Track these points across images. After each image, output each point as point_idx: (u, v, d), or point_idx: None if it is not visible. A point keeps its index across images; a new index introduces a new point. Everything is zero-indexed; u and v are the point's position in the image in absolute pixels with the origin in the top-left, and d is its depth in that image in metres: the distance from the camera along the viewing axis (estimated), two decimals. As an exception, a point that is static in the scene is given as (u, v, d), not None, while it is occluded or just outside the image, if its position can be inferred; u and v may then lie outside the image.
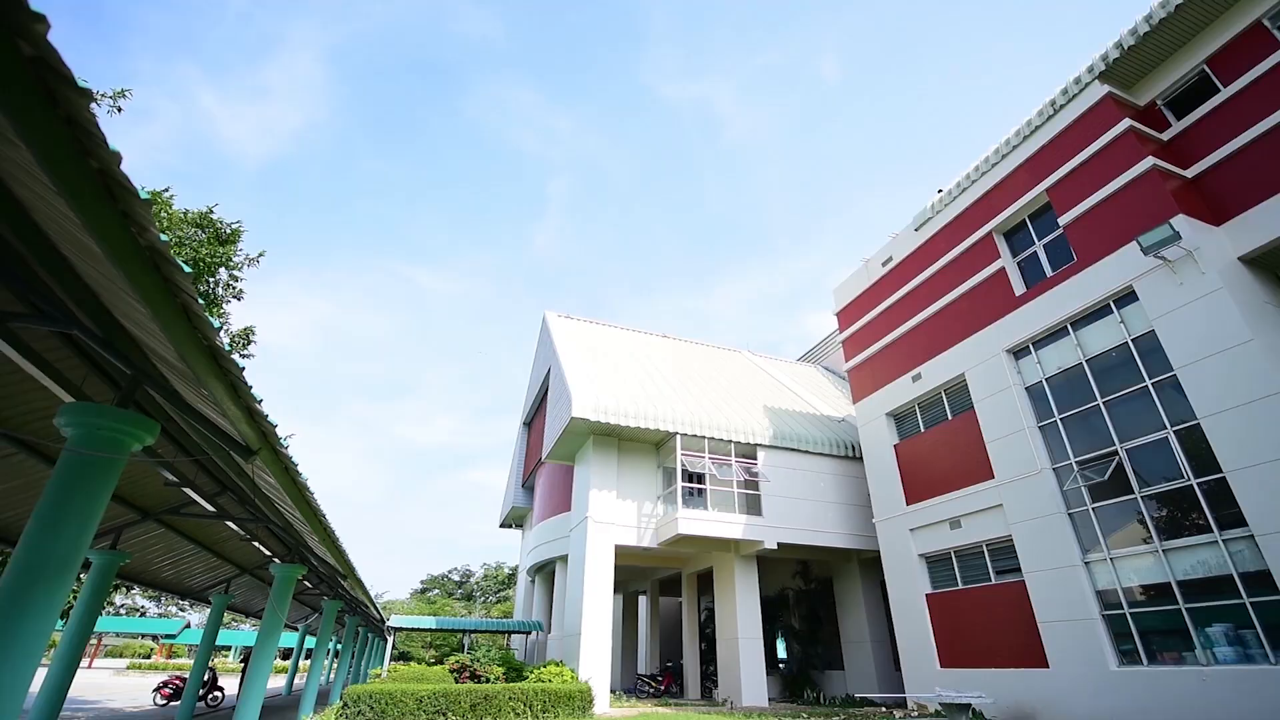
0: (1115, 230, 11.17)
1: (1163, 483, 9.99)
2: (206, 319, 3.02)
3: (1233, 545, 8.95)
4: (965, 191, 14.87)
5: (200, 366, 3.35)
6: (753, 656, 16.34)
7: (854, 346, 17.99)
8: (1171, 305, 10.08)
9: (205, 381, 3.49)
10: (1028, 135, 13.41)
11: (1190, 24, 11.19)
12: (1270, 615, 8.42)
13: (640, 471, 17.56)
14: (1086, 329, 11.61)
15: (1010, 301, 13.11)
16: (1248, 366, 8.99)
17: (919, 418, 15.39)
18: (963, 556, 13.41)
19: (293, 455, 5.16)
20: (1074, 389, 11.65)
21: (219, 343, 3.23)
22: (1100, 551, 10.64)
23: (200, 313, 2.97)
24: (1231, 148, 10.47)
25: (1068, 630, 10.75)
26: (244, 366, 3.50)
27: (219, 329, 3.18)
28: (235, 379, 3.62)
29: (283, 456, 5.07)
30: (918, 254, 16.08)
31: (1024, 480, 12.01)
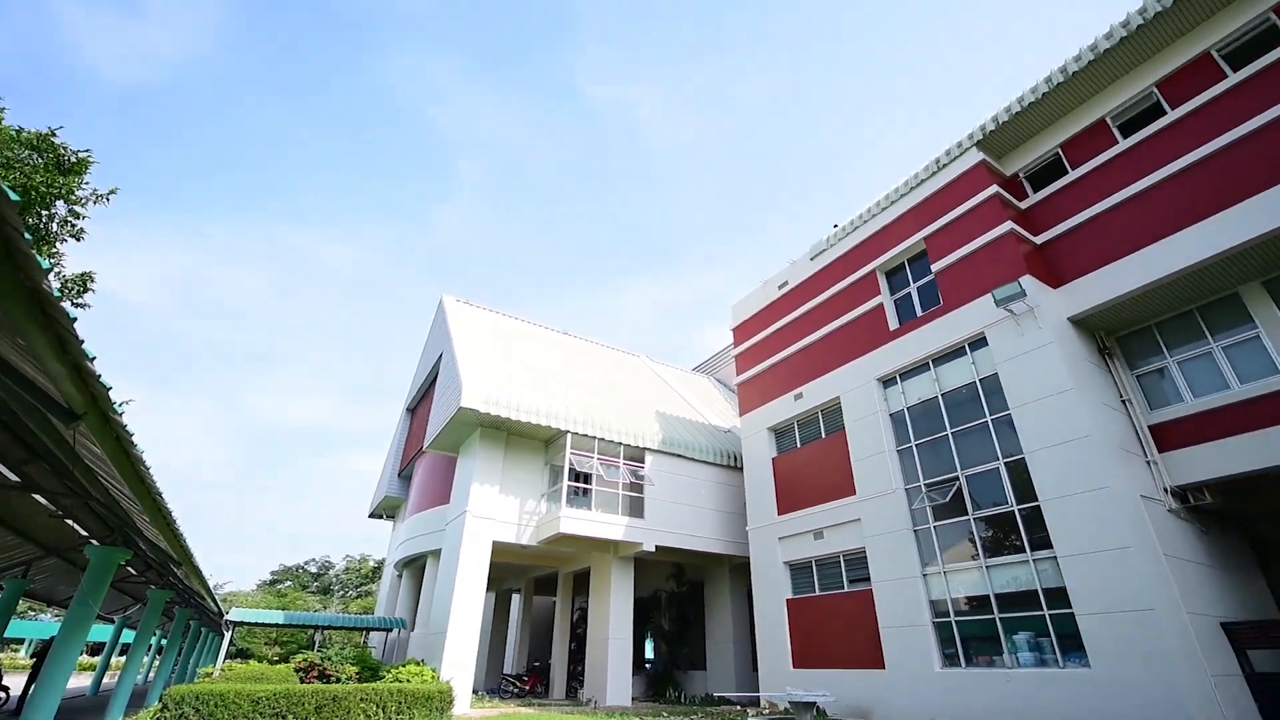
0: (976, 281, 12.58)
1: (991, 507, 11.37)
2: (33, 257, 2.56)
3: (1040, 565, 10.37)
4: (857, 230, 16.11)
5: (19, 311, 2.84)
6: (621, 656, 16.56)
7: (745, 362, 18.86)
8: (1013, 353, 11.52)
9: (24, 330, 2.96)
10: (914, 186, 14.79)
11: (1052, 110, 12.89)
12: (1063, 626, 9.83)
13: (527, 468, 17.26)
14: (945, 366, 12.98)
15: (885, 335, 14.36)
16: (1066, 412, 10.47)
17: (797, 434, 16.41)
18: (822, 565, 14.45)
19: (127, 423, 4.52)
20: (929, 419, 12.97)
21: (46, 286, 2.76)
22: (936, 565, 11.90)
23: (26, 249, 2.51)
24: (1071, 223, 12.18)
25: (903, 635, 11.90)
26: (75, 317, 3.00)
27: (48, 270, 2.71)
28: (63, 330, 3.10)
29: (115, 424, 4.43)
30: (811, 281, 17.17)
31: (880, 498, 13.17)
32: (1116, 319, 11.60)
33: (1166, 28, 11.21)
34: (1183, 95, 11.15)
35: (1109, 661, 9.02)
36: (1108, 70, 12.00)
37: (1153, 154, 11.24)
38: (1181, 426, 10.58)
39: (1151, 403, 11.18)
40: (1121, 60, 11.80)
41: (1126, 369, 11.59)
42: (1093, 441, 9.99)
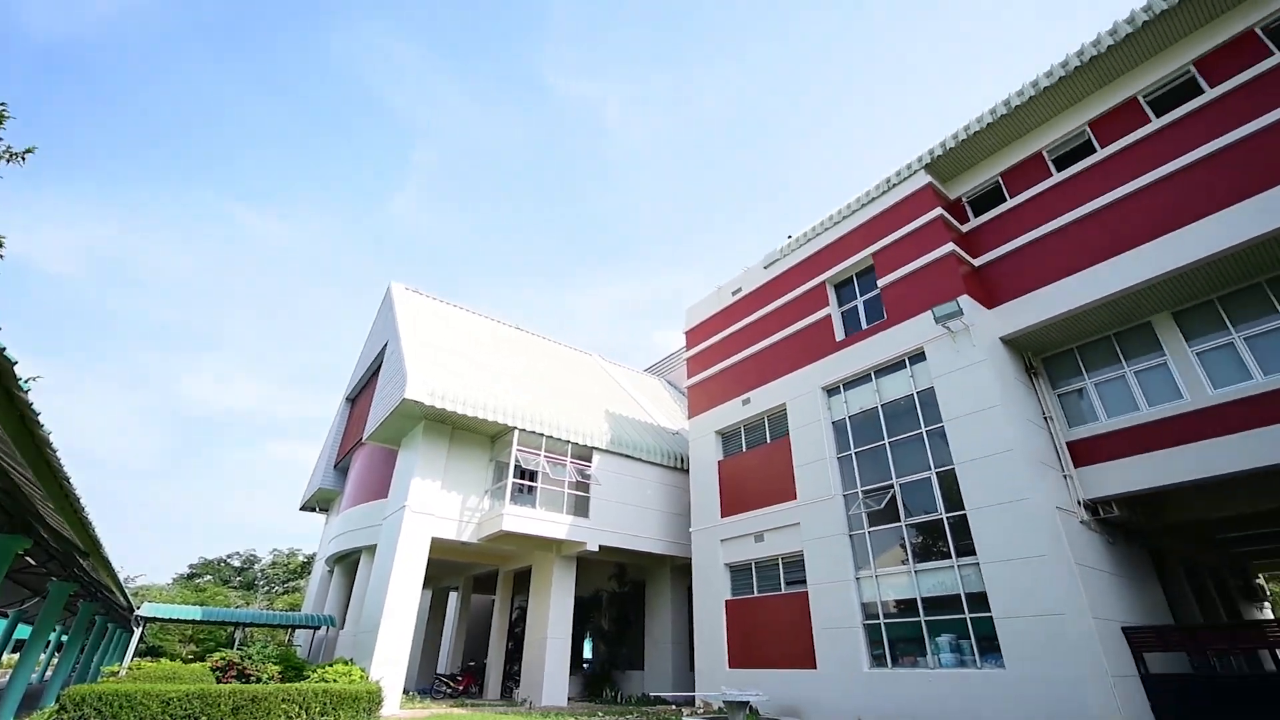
0: (918, 298, 13.13)
1: (922, 514, 11.88)
2: (-73, 212, 2.32)
3: (964, 570, 10.91)
4: (810, 241, 16.55)
5: (-94, 272, 2.56)
6: (559, 656, 16.45)
7: (697, 365, 19.07)
8: (948, 368, 12.08)
9: (-89, 292, 2.67)
10: (865, 204, 15.31)
11: (995, 141, 13.59)
12: (982, 628, 10.37)
13: (471, 463, 16.92)
14: (886, 378, 13.48)
15: (831, 345, 14.80)
16: (993, 426, 11.06)
17: (743, 438, 16.71)
18: (762, 567, 14.76)
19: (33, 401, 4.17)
20: (869, 428, 13.44)
21: (-58, 246, 2.51)
22: (869, 570, 12.35)
23: (-82, 202, 2.27)
24: (1006, 248, 12.88)
25: (835, 636, 12.29)
26: (-23, 282, 2.74)
27: (-55, 228, 2.47)
28: (-39, 296, 2.82)
29: (19, 401, 4.09)
30: (763, 289, 17.53)
31: (820, 503, 13.56)
32: (1043, 341, 12.34)
33: (1099, 72, 12.00)
34: (1111, 136, 11.97)
35: (1022, 662, 9.57)
36: (1045, 107, 12.75)
37: (1081, 189, 12.02)
38: (1095, 444, 11.35)
39: (1070, 420, 11.94)
40: (1058, 99, 12.56)
41: (1049, 388, 12.34)
42: (1016, 455, 10.58)
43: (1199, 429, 10.13)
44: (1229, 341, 10.35)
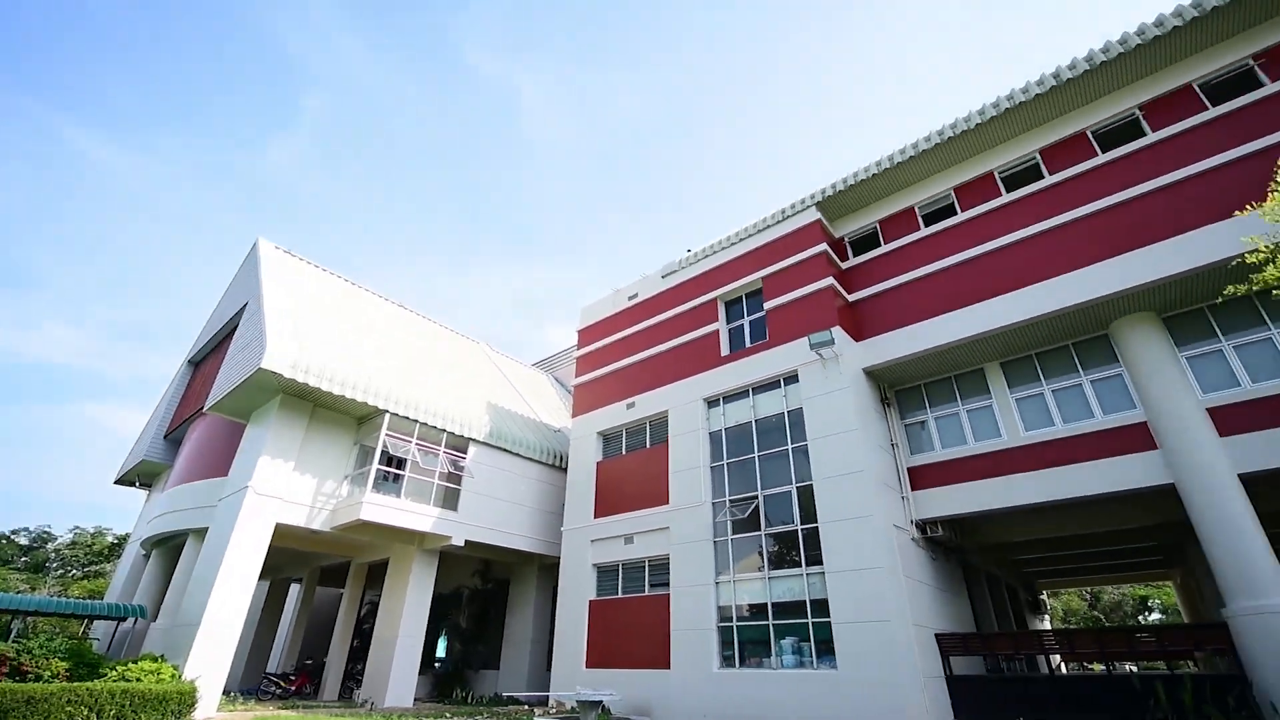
0: (797, 324, 14.07)
1: (780, 525, 12.72)
2: None
3: (811, 579, 11.81)
4: (707, 258, 17.19)
5: None
6: (409, 654, 15.65)
7: (586, 365, 19.08)
8: (817, 392, 13.06)
9: None
10: (761, 230, 16.18)
11: (877, 190, 14.93)
12: (821, 633, 11.29)
13: (331, 445, 15.65)
14: (762, 395, 14.30)
15: (716, 359, 15.45)
16: (849, 449, 12.10)
17: (624, 441, 16.94)
18: (628, 569, 15.03)
19: None
20: (742, 440, 14.18)
21: None
22: (728, 575, 13.00)
23: None
24: (875, 289, 14.20)
25: (691, 638, 12.79)
26: None
27: None
28: None
29: None
30: (659, 298, 17.93)
31: (690, 509, 14.07)
32: (898, 375, 13.73)
33: (965, 145, 13.59)
34: (969, 202, 13.62)
35: (852, 664, 10.53)
36: (921, 167, 14.22)
37: (940, 246, 13.55)
38: (929, 471, 12.80)
39: (912, 448, 13.37)
40: (931, 163, 14.06)
41: (899, 418, 13.75)
42: (865, 476, 11.67)
43: (1009, 465, 11.79)
44: (1040, 392, 12.14)
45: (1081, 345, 12.03)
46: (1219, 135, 10.83)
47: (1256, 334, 10.29)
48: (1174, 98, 11.67)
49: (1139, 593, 41.17)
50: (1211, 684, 9.17)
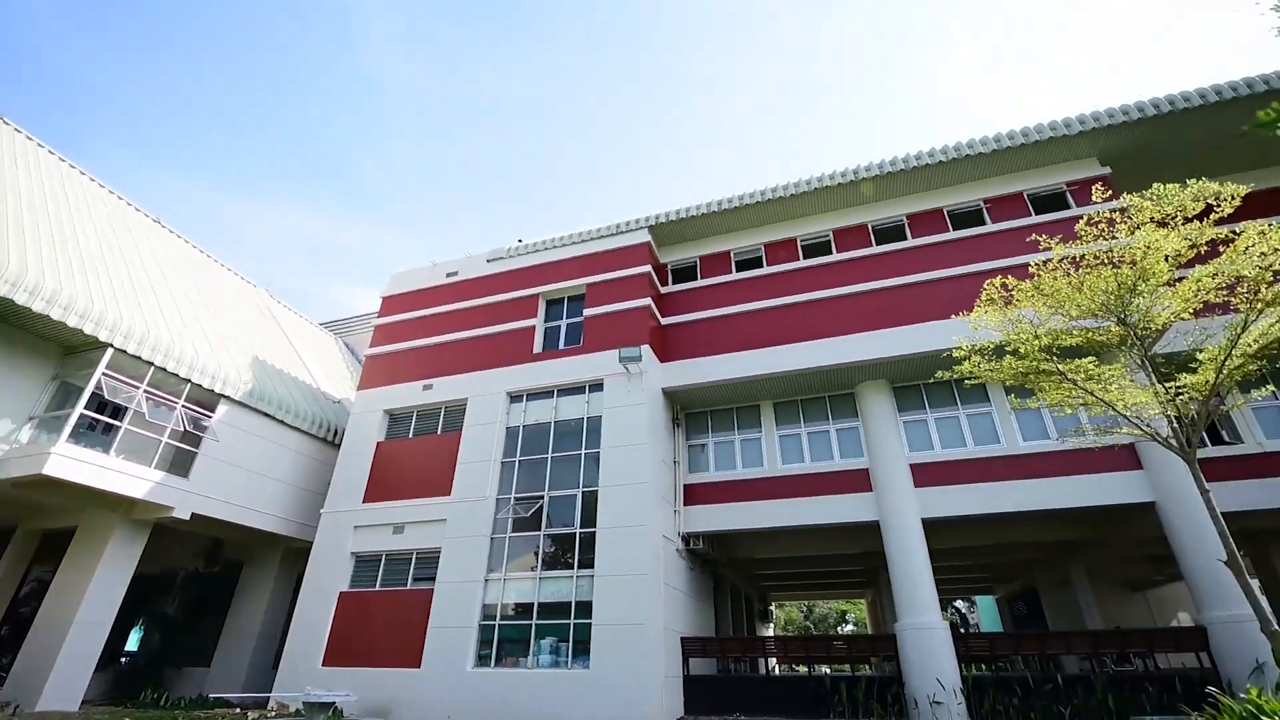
0: (611, 336, 14.56)
1: (561, 527, 12.93)
2: None
3: (580, 581, 12.17)
4: (537, 253, 16.99)
5: None
6: (84, 645, 12.66)
7: (385, 335, 17.52)
8: (618, 403, 13.61)
9: None
10: (594, 238, 16.49)
11: (703, 229, 16.17)
12: (580, 633, 11.65)
13: (15, 375, 12.16)
14: (566, 398, 14.47)
15: (528, 355, 15.28)
16: (638, 461, 12.79)
17: (413, 423, 15.84)
18: (393, 560, 13.99)
19: None
20: (538, 439, 14.17)
21: None
22: (499, 573, 12.81)
23: None
24: (685, 318, 15.33)
25: (448, 635, 12.30)
26: None
27: None
28: None
29: None
30: (480, 281, 17.22)
31: (472, 502, 13.62)
32: (690, 399, 14.93)
33: (781, 209, 15.43)
34: (776, 259, 15.44)
35: (604, 664, 11.03)
36: (742, 219, 15.77)
37: (746, 292, 15.13)
38: (701, 489, 14.08)
39: (690, 467, 14.59)
40: (750, 217, 15.68)
41: (685, 437, 14.92)
42: (647, 488, 12.42)
43: (766, 491, 13.49)
44: (799, 433, 14.11)
45: (835, 399, 14.29)
46: (953, 254, 13.79)
47: (950, 411, 13.21)
48: (929, 216, 14.58)
49: (841, 607, 49.75)
50: (879, 684, 11.40)
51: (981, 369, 8.54)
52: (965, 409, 13.14)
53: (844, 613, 50.69)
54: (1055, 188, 13.90)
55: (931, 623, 11.23)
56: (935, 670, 10.70)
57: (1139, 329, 7.69)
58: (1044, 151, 13.70)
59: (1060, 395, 8.16)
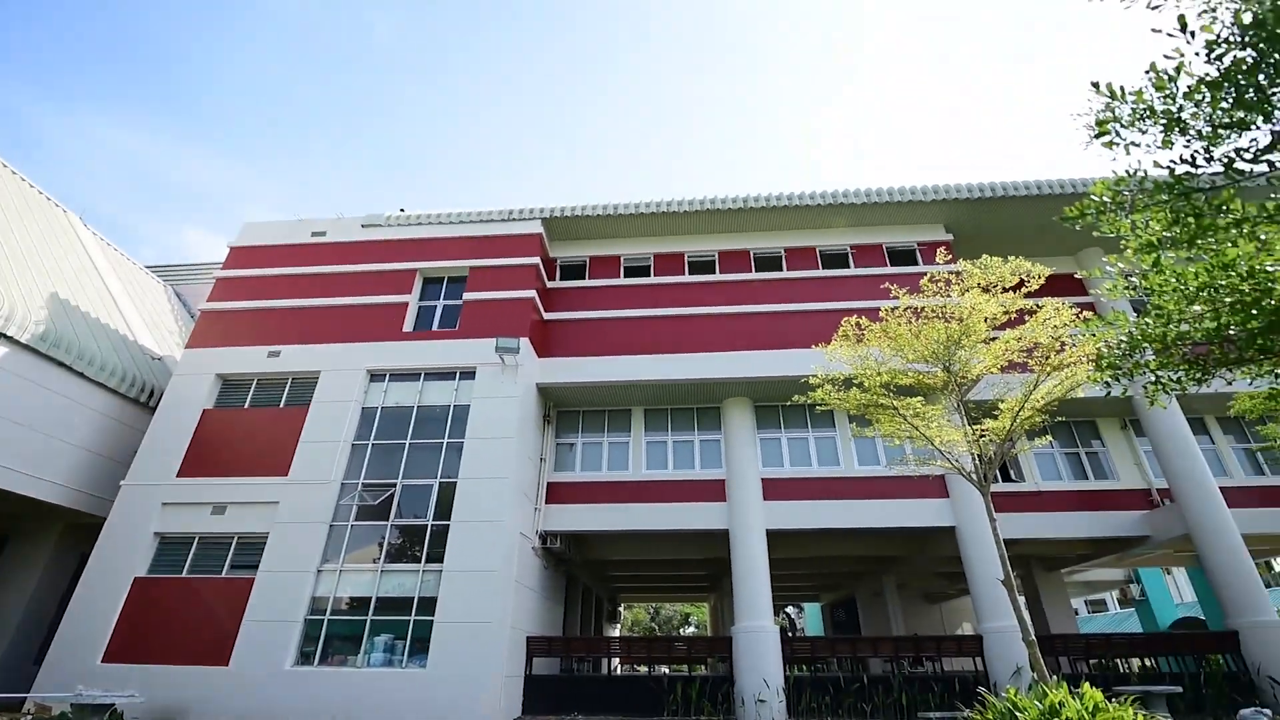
0: (490, 324, 14.09)
1: (412, 518, 12.23)
2: None
3: (427, 576, 11.57)
4: (420, 226, 16.01)
5: None
6: None
7: (229, 290, 15.54)
8: (489, 394, 13.18)
9: None
10: (486, 220, 15.87)
11: (596, 230, 16.18)
12: (420, 631, 11.07)
13: None
14: (434, 383, 13.75)
15: (396, 332, 14.33)
16: (503, 454, 12.46)
17: (252, 393, 14.19)
18: (209, 544, 12.40)
19: None
20: (397, 423, 13.31)
21: None
22: (336, 563, 11.83)
23: None
24: (569, 315, 15.25)
25: (267, 630, 11.12)
26: None
27: None
28: None
29: None
30: (351, 247, 15.88)
31: (312, 485, 12.46)
32: (564, 397, 14.85)
33: (674, 222, 15.88)
34: (663, 270, 15.85)
35: (443, 663, 10.56)
36: (633, 227, 16.03)
37: (631, 298, 15.38)
38: (565, 488, 14.03)
39: (557, 465, 14.49)
40: (643, 226, 15.98)
41: (554, 435, 14.80)
42: (509, 483, 12.14)
43: (628, 495, 13.77)
44: (665, 440, 14.58)
45: (702, 411, 14.94)
46: (819, 290, 15.03)
47: (802, 433, 14.35)
48: (804, 252, 15.79)
49: (685, 610, 51.98)
50: (713, 683, 12.02)
51: (832, 397, 9.37)
52: (814, 432, 14.35)
53: (688, 615, 53.04)
54: (909, 245, 15.68)
55: (764, 626, 12.07)
56: (763, 670, 11.50)
57: (958, 377, 8.87)
58: (903, 212, 15.40)
59: (892, 427, 9.18)
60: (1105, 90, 4.00)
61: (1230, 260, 4.40)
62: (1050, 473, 14.42)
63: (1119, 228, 4.64)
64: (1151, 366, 5.47)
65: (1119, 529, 13.84)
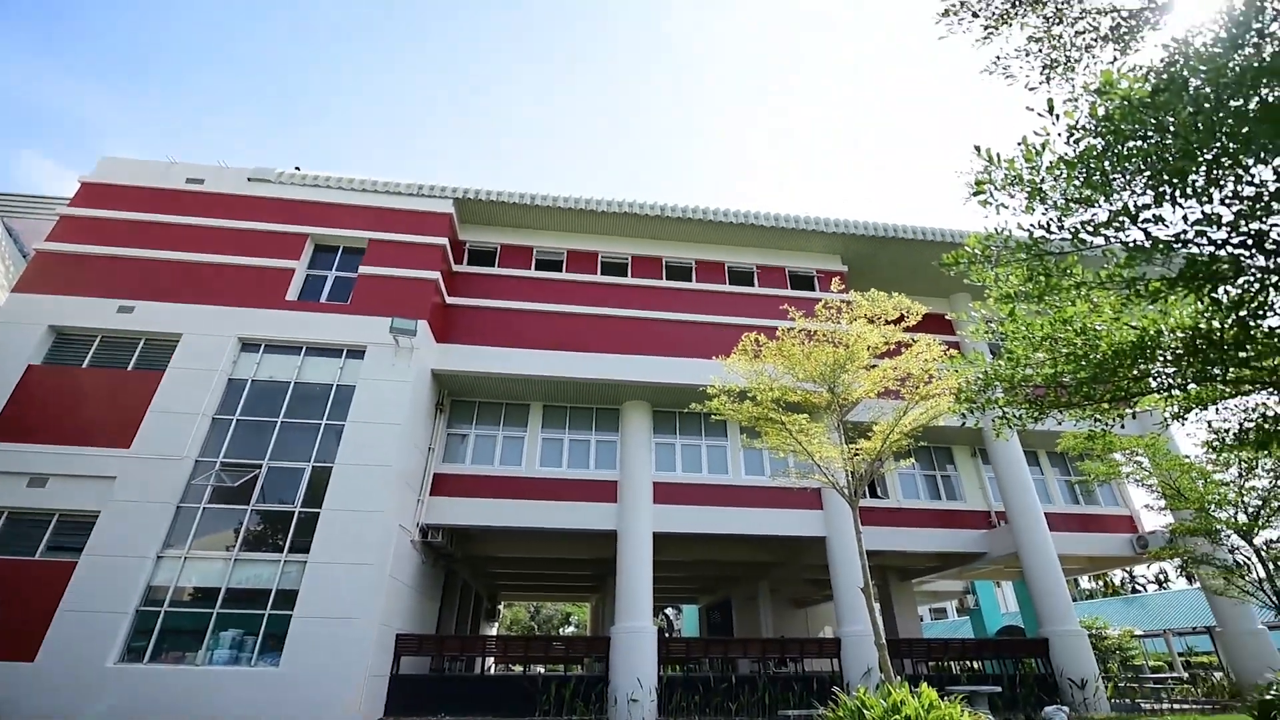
0: (387, 302, 13.28)
1: (277, 503, 11.24)
2: None
3: (289, 567, 10.68)
4: (316, 188, 14.80)
5: None
6: None
7: (77, 231, 13.53)
8: (379, 376, 12.42)
9: None
10: (392, 192, 14.96)
11: (510, 218, 15.75)
12: (275, 626, 10.18)
13: None
14: (316, 358, 12.74)
15: (278, 300, 13.14)
16: (388, 441, 11.77)
17: (93, 350, 12.43)
18: (20, 521, 10.70)
19: None
20: (269, 399, 12.20)
21: None
22: (181, 549, 10.63)
23: None
24: (474, 302, 14.72)
25: (86, 622, 9.76)
26: None
27: None
28: None
29: None
30: (235, 200, 14.38)
31: (160, 461, 11.13)
32: (461, 386, 14.32)
33: (587, 223, 15.81)
34: (576, 268, 15.72)
35: (298, 661, 9.77)
36: (549, 220, 15.78)
37: (541, 291, 15.12)
38: (453, 480, 13.51)
39: (446, 456, 13.92)
40: (558, 220, 15.78)
41: (446, 425, 14.21)
42: (392, 472, 11.49)
43: (519, 491, 13.50)
44: (562, 438, 14.46)
45: (601, 412, 14.97)
46: (725, 304, 15.58)
47: (696, 440, 14.78)
48: (714, 267, 16.30)
49: (567, 609, 51.79)
50: (587, 683, 12.03)
51: (726, 408, 9.72)
52: (708, 440, 14.83)
53: (569, 615, 52.89)
54: (809, 271, 16.65)
55: (644, 627, 12.27)
56: (639, 670, 11.68)
57: (841, 398, 9.53)
58: (806, 240, 16.32)
59: (779, 441, 9.68)
60: (984, 155, 4.46)
61: (1069, 317, 5.07)
62: (910, 492, 15.85)
63: (985, 278, 5.21)
64: (1000, 403, 6.17)
65: (964, 545, 15.49)
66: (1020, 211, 4.51)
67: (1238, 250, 3.98)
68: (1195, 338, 4.65)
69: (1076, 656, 13.14)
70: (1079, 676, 12.85)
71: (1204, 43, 3.64)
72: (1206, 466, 10.85)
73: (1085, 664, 13.04)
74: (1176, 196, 3.87)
